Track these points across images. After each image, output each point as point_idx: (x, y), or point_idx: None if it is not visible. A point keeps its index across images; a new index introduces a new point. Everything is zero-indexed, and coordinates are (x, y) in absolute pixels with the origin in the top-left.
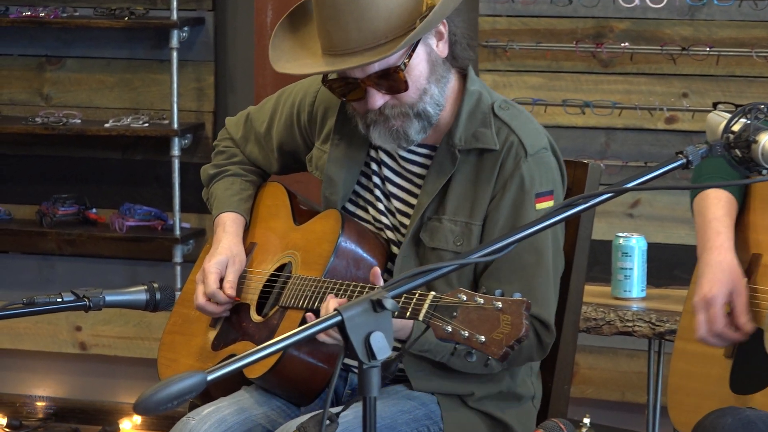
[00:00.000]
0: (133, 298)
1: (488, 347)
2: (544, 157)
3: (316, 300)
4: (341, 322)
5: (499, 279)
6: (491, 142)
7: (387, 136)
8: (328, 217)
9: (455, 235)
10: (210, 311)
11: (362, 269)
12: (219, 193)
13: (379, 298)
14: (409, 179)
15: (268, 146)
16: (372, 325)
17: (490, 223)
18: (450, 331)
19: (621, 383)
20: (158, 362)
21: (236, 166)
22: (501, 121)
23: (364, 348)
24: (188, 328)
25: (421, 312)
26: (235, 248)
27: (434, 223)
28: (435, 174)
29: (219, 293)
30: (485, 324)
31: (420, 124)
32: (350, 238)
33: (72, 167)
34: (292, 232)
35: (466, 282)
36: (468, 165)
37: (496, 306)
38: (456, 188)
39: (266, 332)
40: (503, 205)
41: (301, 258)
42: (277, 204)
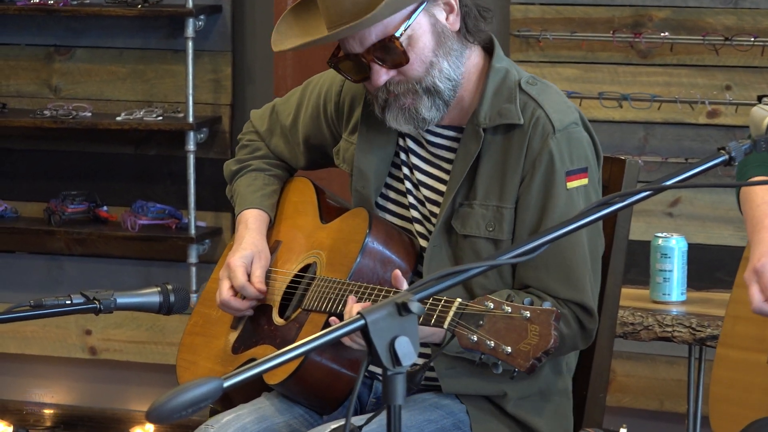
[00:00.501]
0: (145, 301)
1: (514, 359)
2: (574, 133)
3: (340, 303)
4: (364, 326)
5: (536, 266)
6: (515, 117)
7: (400, 116)
8: (356, 215)
9: (487, 220)
10: (235, 307)
11: (390, 271)
12: (241, 190)
13: (405, 301)
14: (437, 165)
15: (294, 140)
16: (397, 330)
17: (521, 207)
18: (475, 340)
19: (659, 392)
20: (177, 364)
21: (259, 161)
22: (527, 95)
23: (389, 354)
24: (209, 330)
25: (446, 320)
26: (259, 244)
27: (466, 208)
28: (462, 156)
29: (249, 286)
30: (512, 334)
31: (430, 100)
32: (378, 238)
33: (82, 163)
34: (318, 230)
35: (504, 272)
36: (495, 145)
37: (524, 315)
38: (485, 170)
39: (288, 336)
40: (533, 186)
41: (327, 258)
42: (304, 200)
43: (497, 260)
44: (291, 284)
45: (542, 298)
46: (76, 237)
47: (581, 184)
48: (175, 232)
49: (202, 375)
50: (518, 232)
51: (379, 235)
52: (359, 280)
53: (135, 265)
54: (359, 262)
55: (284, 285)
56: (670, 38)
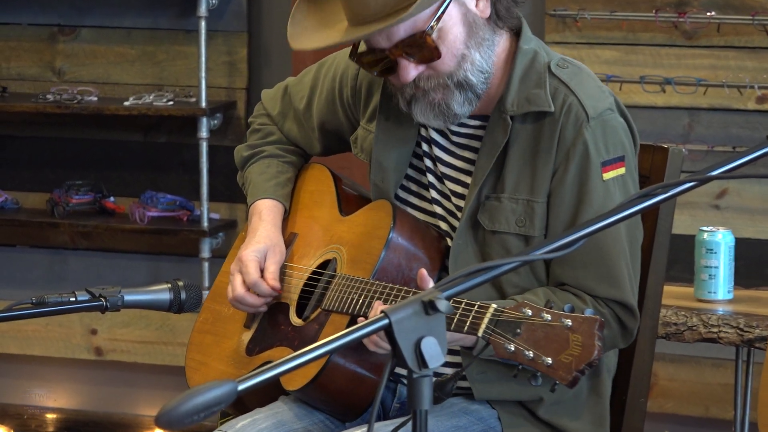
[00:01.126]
0: (155, 298)
1: (555, 371)
2: (609, 120)
3: (363, 305)
4: (388, 325)
5: (572, 264)
6: (545, 104)
7: (429, 111)
8: (379, 208)
9: (517, 215)
10: (249, 304)
11: (416, 269)
12: (254, 178)
13: (431, 299)
14: (462, 157)
15: (308, 125)
16: (423, 330)
17: (554, 201)
18: (512, 350)
19: (705, 396)
20: (186, 364)
21: (273, 146)
22: (557, 79)
23: (415, 355)
24: (220, 328)
25: (480, 327)
26: (273, 237)
27: (493, 202)
28: (488, 147)
29: (262, 283)
30: (552, 344)
31: (463, 95)
32: (403, 233)
33: (87, 151)
34: (337, 223)
35: (537, 269)
36: (524, 134)
37: (566, 324)
38: (513, 161)
39: (307, 338)
40: (567, 179)
41: (347, 254)
42: (322, 190)
43: (530, 256)
44: (309, 281)
45: (580, 297)
46: (81, 230)
47: (618, 174)
48: (187, 225)
49: (213, 377)
50: (552, 228)
51: (404, 229)
52: (383, 278)
53: (144, 260)
54: (383, 259)
55: (302, 282)
56: (717, 18)
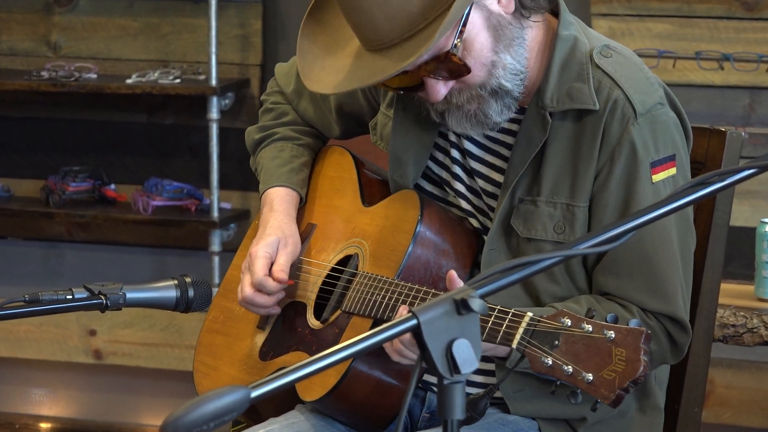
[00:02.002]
0: (160, 296)
1: (597, 389)
2: (659, 116)
3: (387, 308)
4: (416, 326)
5: (617, 272)
6: (588, 101)
7: (465, 122)
8: (405, 199)
9: (555, 220)
10: (259, 305)
11: (446, 268)
12: (265, 163)
13: (464, 297)
14: (495, 152)
15: (326, 106)
16: (455, 331)
17: (598, 206)
18: (550, 365)
19: (766, 405)
20: (194, 367)
21: (286, 128)
22: (601, 71)
23: (446, 359)
24: (232, 328)
25: (514, 337)
26: (286, 228)
27: (528, 206)
28: (523, 144)
29: (267, 281)
30: (594, 358)
31: (499, 102)
32: (431, 227)
33: (86, 133)
34: (359, 214)
35: (577, 277)
36: (564, 131)
37: (608, 336)
38: (552, 161)
39: (326, 342)
40: (612, 181)
41: (370, 250)
42: (343, 177)
43: (573, 250)
44: (327, 279)
45: (626, 307)
46: (79, 220)
47: (669, 175)
48: (195, 215)
49: (224, 383)
50: None
51: (432, 222)
52: (409, 278)
53: (148, 254)
54: (409, 256)
55: (320, 279)
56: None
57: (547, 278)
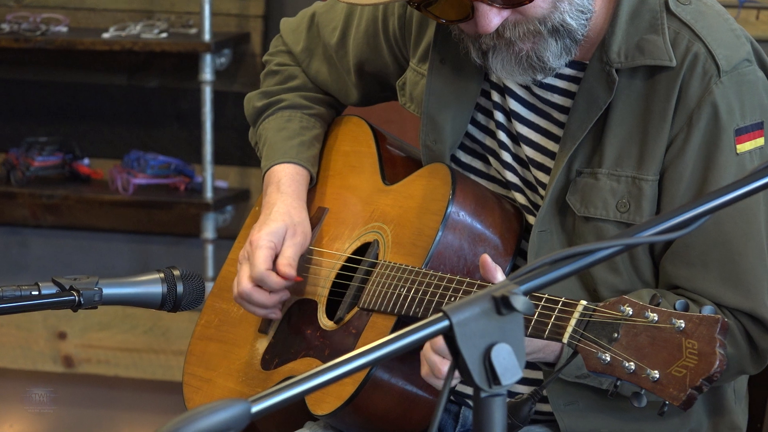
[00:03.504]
0: (143, 292)
1: (664, 388)
2: (746, 74)
3: (414, 303)
4: (448, 328)
5: (689, 261)
6: (663, 56)
7: (514, 65)
8: (433, 175)
9: (618, 196)
10: (258, 303)
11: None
12: (270, 136)
13: (505, 294)
14: (546, 115)
15: (343, 65)
16: (494, 335)
17: (670, 179)
18: (608, 361)
19: None
20: (184, 381)
21: (295, 94)
22: (679, 21)
23: (483, 368)
24: (228, 333)
25: (565, 331)
26: (295, 214)
27: (587, 179)
28: (583, 106)
29: (270, 276)
30: (661, 352)
31: (559, 43)
32: (465, 207)
33: (54, 97)
34: (379, 195)
35: (642, 266)
36: (632, 91)
37: (677, 326)
38: (617, 127)
39: (341, 346)
40: (689, 151)
41: (393, 235)
42: (359, 151)
43: (634, 238)
44: (342, 271)
45: (699, 303)
46: (46, 202)
47: (756, 146)
48: (185, 196)
49: (219, 398)
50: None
51: (466, 201)
52: (439, 267)
53: (128, 242)
54: (439, 241)
55: (333, 272)
56: None
57: (606, 267)
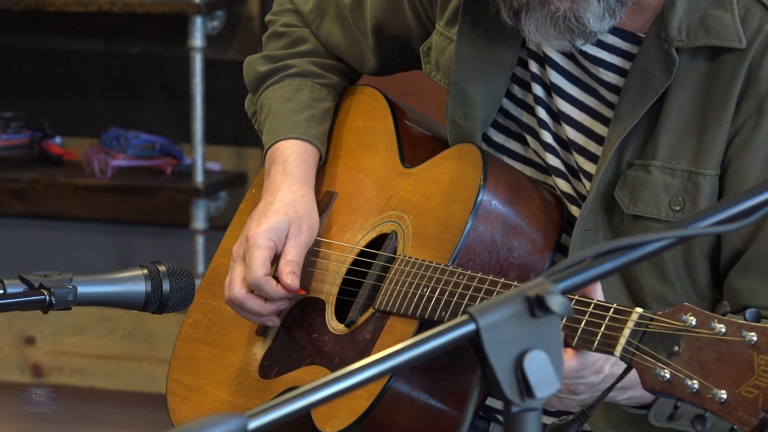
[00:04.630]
0: (124, 291)
1: (733, 411)
2: None
3: (439, 305)
4: (475, 333)
5: (763, 273)
6: (732, 35)
7: (549, 27)
8: (462, 157)
9: (672, 193)
10: (251, 310)
11: (519, 251)
12: (276, 106)
13: (540, 294)
14: (594, 91)
15: (359, 27)
16: (527, 340)
17: (734, 175)
18: (667, 378)
19: None
20: (168, 389)
21: (305, 60)
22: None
23: (515, 378)
24: (220, 334)
25: (618, 342)
26: (301, 204)
27: (638, 172)
28: (636, 87)
29: (268, 283)
30: (728, 369)
31: (602, 3)
32: (499, 195)
33: (21, 67)
34: (397, 179)
35: (699, 276)
36: (693, 74)
37: (748, 339)
38: (674, 114)
39: (352, 353)
40: (756, 142)
41: (414, 226)
42: (374, 127)
43: (691, 228)
44: (354, 266)
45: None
46: (12, 186)
47: None
48: (172, 180)
49: (209, 410)
50: None
51: (499, 188)
52: (468, 263)
53: (107, 233)
54: (468, 234)
55: (344, 267)
56: None
57: (656, 275)
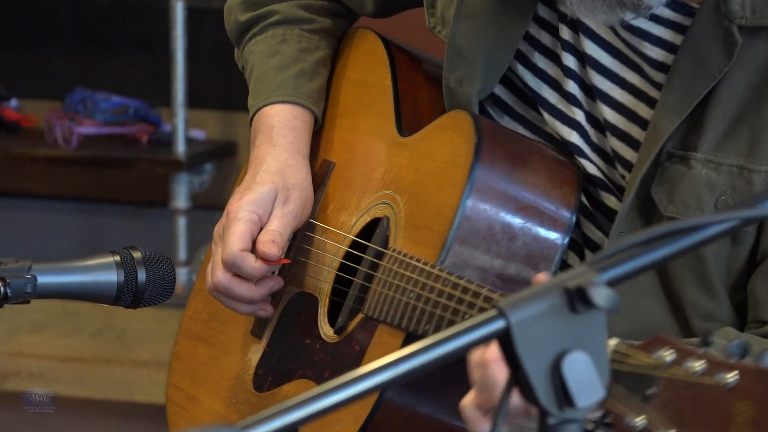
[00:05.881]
0: (92, 281)
1: None
2: None
3: (423, 317)
4: (504, 331)
5: None
6: None
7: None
8: (455, 127)
9: (718, 192)
10: (237, 296)
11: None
12: (259, 64)
13: (582, 285)
14: (637, 67)
15: None
16: (567, 340)
17: None
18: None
19: None
20: (168, 395)
21: (290, 4)
22: None
23: (552, 384)
24: (218, 332)
25: None
26: (290, 174)
27: (678, 166)
28: (690, 68)
29: (244, 260)
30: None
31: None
32: (495, 172)
33: None
34: (393, 149)
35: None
36: (753, 57)
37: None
38: (726, 101)
39: (341, 365)
40: None
41: (407, 211)
42: (371, 82)
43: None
44: (346, 260)
45: None
46: None
47: None
48: (149, 150)
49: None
50: None
51: (497, 163)
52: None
53: (72, 213)
54: (459, 225)
55: (336, 261)
56: None
57: (699, 287)
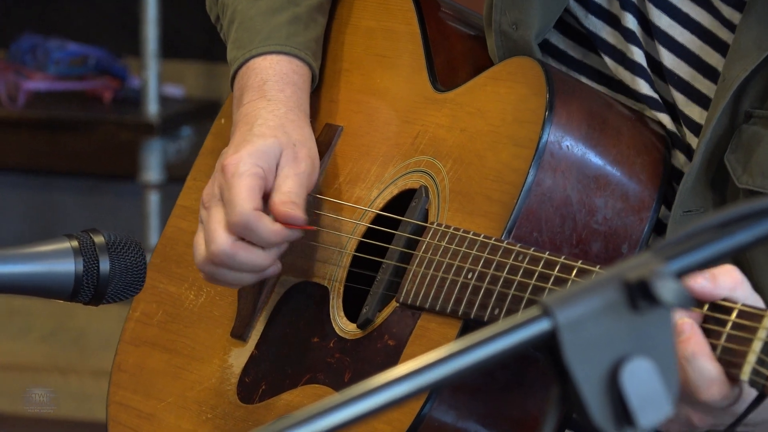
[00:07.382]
0: (44, 272)
1: None
2: None
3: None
4: (550, 333)
5: None
6: None
7: None
8: (516, 76)
9: None
10: (246, 265)
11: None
12: (242, 8)
13: (644, 278)
14: (707, 3)
15: None
16: (627, 344)
17: None
18: None
19: None
20: (109, 414)
21: None
22: None
23: (608, 397)
24: (181, 335)
25: (745, 361)
26: (292, 129)
27: (757, 128)
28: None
29: (261, 220)
30: None
31: None
32: (573, 131)
33: None
34: (428, 107)
35: None
36: None
37: None
38: None
39: (369, 366)
40: None
41: (452, 180)
42: (393, 30)
43: None
44: (368, 239)
45: None
46: None
47: None
48: (114, 111)
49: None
50: None
51: (574, 121)
52: (532, 235)
53: (20, 187)
54: (530, 191)
55: (353, 241)
56: None
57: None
